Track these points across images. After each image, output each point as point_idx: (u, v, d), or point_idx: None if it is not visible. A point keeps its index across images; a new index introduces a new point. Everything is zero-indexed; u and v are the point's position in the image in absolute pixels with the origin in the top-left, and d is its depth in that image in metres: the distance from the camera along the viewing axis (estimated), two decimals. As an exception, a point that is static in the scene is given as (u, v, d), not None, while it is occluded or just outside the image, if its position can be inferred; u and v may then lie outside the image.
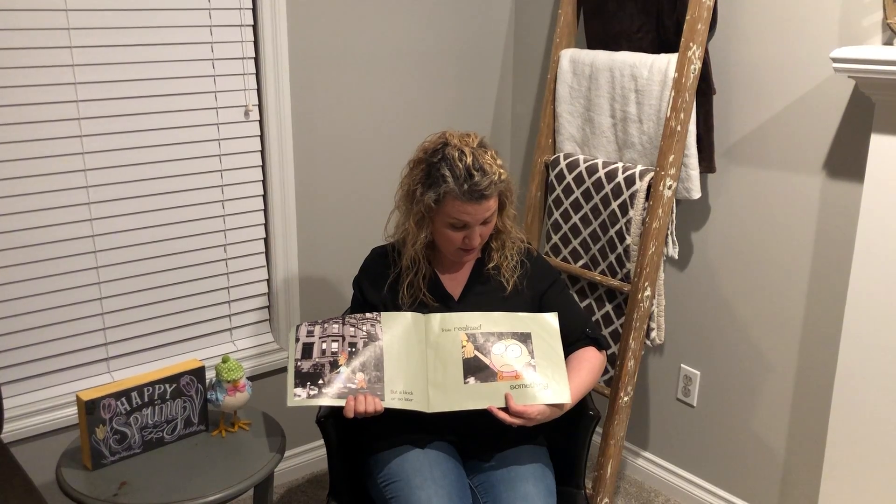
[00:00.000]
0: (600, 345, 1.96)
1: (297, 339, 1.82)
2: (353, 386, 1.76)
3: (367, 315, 1.85)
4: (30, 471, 1.93)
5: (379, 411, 1.73)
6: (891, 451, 1.94)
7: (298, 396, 1.75)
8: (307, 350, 1.80)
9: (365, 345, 1.81)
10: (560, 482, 1.92)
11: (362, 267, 2.00)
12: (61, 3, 2.02)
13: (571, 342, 1.92)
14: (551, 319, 1.86)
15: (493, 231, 1.90)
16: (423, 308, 1.89)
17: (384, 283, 1.92)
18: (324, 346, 1.81)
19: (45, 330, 2.19)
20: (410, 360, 1.80)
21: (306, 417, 1.73)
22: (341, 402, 1.74)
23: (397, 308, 1.89)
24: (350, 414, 1.73)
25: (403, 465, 1.79)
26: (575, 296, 2.47)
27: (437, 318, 1.84)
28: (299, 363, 1.78)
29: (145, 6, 2.14)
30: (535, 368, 1.79)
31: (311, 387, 1.75)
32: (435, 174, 1.77)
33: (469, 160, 1.77)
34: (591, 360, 1.91)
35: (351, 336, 1.82)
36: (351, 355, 1.79)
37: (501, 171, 1.81)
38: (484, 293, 1.92)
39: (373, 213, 2.67)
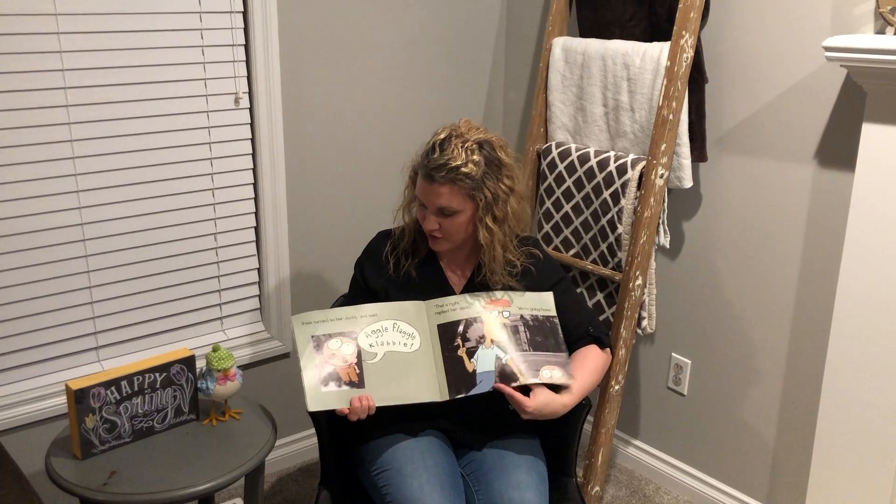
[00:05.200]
0: (602, 343, 1.93)
1: (303, 331, 1.77)
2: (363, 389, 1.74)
3: (369, 311, 1.82)
4: (19, 460, 1.92)
5: (372, 411, 1.72)
6: (879, 439, 1.96)
7: (318, 400, 1.70)
8: (317, 346, 1.75)
9: (372, 344, 1.78)
10: (551, 470, 1.92)
11: (365, 249, 1.97)
12: (48, -12, 2.00)
13: (574, 340, 1.91)
14: (547, 298, 1.88)
15: (478, 242, 1.83)
16: (409, 281, 1.88)
17: (384, 264, 1.91)
18: (331, 342, 1.77)
19: (33, 319, 2.17)
20: (419, 355, 1.79)
21: (297, 406, 1.72)
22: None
23: (394, 282, 1.88)
24: (356, 417, 1.71)
25: (395, 453, 1.79)
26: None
27: (433, 303, 1.83)
28: (310, 362, 1.73)
29: (134, -8, 2.12)
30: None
31: (328, 391, 1.71)
32: (425, 146, 1.81)
33: (440, 137, 1.76)
34: (593, 358, 1.89)
35: (354, 334, 1.79)
36: (360, 352, 1.77)
37: (470, 164, 1.71)
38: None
39: (364, 201, 2.66)
